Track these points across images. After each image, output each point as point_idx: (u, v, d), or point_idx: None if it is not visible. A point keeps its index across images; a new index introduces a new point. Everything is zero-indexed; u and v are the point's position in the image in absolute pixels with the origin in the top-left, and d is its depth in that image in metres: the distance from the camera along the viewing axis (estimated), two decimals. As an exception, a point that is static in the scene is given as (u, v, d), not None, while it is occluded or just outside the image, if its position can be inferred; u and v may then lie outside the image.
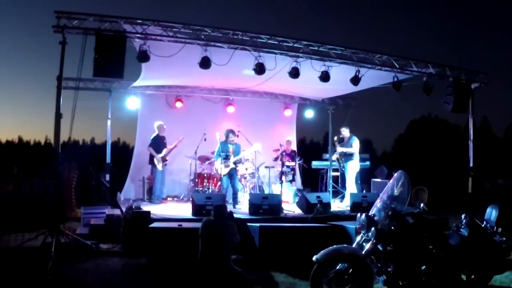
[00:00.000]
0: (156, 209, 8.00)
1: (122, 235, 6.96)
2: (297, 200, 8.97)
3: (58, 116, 6.58)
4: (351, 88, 9.67)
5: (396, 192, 4.82)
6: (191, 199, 8.21)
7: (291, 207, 8.78)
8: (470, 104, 9.27)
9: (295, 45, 7.70)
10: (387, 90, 9.36)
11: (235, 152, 9.02)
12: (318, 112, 12.39)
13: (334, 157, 10.30)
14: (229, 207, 6.49)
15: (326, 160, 11.52)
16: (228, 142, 9.02)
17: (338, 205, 9.61)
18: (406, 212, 4.72)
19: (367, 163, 11.18)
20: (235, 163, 8.99)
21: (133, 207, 7.17)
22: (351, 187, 9.65)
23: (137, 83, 9.48)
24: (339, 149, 9.89)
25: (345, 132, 10.02)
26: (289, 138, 11.31)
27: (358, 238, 4.70)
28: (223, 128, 9.65)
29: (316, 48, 7.84)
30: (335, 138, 10.11)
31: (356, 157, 9.80)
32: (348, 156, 9.79)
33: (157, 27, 6.94)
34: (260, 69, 7.53)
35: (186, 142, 9.71)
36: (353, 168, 9.76)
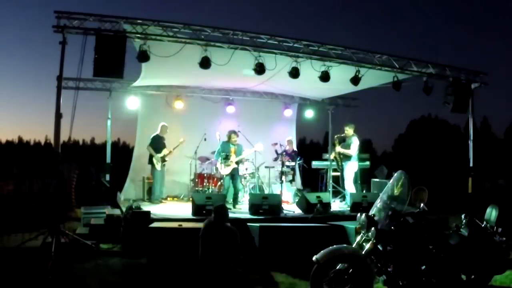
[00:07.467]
0: (156, 209, 8.01)
1: (122, 235, 6.96)
2: (297, 200, 8.96)
3: (58, 116, 6.57)
4: (351, 88, 9.67)
5: (396, 192, 4.80)
6: (191, 199, 8.21)
7: (291, 207, 8.79)
8: (470, 104, 9.27)
9: (295, 45, 7.71)
10: (387, 90, 9.37)
11: (238, 152, 9.01)
12: (318, 112, 12.39)
13: (332, 155, 10.04)
14: (229, 207, 6.48)
15: (326, 160, 11.51)
16: (230, 143, 9.01)
17: (340, 206, 9.56)
18: (406, 212, 4.71)
19: (367, 163, 11.17)
20: (237, 163, 8.99)
21: (133, 207, 7.17)
22: (350, 187, 9.51)
23: (137, 83, 9.48)
24: (338, 149, 9.62)
25: (348, 131, 9.58)
26: (290, 138, 11.31)
27: (358, 238, 4.69)
28: (223, 128, 9.64)
29: (316, 48, 7.85)
30: (336, 136, 9.77)
31: (354, 158, 9.53)
32: (346, 157, 9.50)
33: (157, 27, 6.95)
34: (260, 69, 7.53)
35: (186, 142, 9.71)
36: (350, 168, 9.52)
